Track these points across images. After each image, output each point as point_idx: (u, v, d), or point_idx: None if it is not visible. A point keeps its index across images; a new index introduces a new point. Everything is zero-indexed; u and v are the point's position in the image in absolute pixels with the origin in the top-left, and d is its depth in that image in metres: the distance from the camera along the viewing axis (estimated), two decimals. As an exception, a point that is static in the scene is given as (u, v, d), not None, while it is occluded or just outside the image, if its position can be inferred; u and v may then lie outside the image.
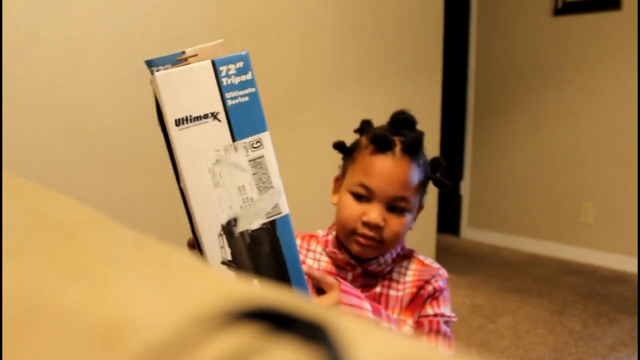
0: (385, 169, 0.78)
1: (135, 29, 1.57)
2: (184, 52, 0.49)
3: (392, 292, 0.84)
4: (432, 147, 2.64)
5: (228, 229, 0.50)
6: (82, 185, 1.51)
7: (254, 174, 0.49)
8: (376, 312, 0.75)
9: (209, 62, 0.48)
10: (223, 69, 0.48)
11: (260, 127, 0.50)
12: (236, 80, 0.48)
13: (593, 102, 3.05)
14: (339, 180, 0.87)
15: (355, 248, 0.80)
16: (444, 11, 2.62)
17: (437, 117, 2.66)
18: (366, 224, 0.78)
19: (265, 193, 0.50)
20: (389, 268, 0.84)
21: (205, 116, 0.47)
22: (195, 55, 0.49)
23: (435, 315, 0.82)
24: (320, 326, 0.13)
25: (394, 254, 0.85)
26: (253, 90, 0.49)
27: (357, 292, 0.74)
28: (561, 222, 3.24)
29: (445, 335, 0.81)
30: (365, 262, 0.83)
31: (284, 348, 0.12)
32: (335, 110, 2.19)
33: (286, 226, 0.52)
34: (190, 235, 0.54)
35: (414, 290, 0.83)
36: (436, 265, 0.87)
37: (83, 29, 1.48)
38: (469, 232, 3.68)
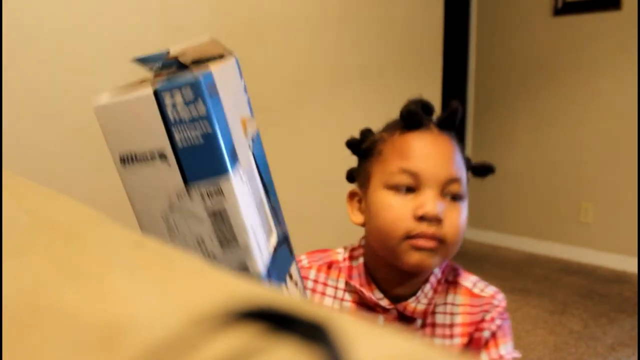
0: (428, 146, 0.62)
1: (136, 29, 1.57)
2: (167, 52, 0.42)
3: (438, 340, 0.67)
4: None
5: None
6: (82, 185, 1.51)
7: (213, 225, 0.40)
8: None
9: (150, 91, 0.38)
10: (168, 101, 0.38)
11: (219, 171, 0.39)
12: (185, 115, 0.38)
13: (593, 102, 3.06)
14: (357, 194, 0.69)
15: (413, 258, 0.61)
16: (444, 11, 2.62)
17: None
18: (423, 219, 0.60)
19: (229, 248, 0.41)
20: (431, 307, 0.66)
21: (152, 156, 0.39)
22: (183, 54, 0.42)
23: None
24: (320, 326, 0.13)
25: (434, 281, 0.67)
26: (207, 127, 0.38)
27: None
28: (561, 222, 3.24)
29: None
30: (400, 302, 0.66)
31: (284, 348, 0.12)
32: (336, 110, 2.19)
33: None
34: None
35: (465, 339, 0.66)
36: (490, 291, 0.69)
37: (83, 28, 1.48)
38: (468, 232, 3.67)
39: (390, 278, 0.66)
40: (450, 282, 0.69)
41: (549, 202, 3.28)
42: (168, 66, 0.43)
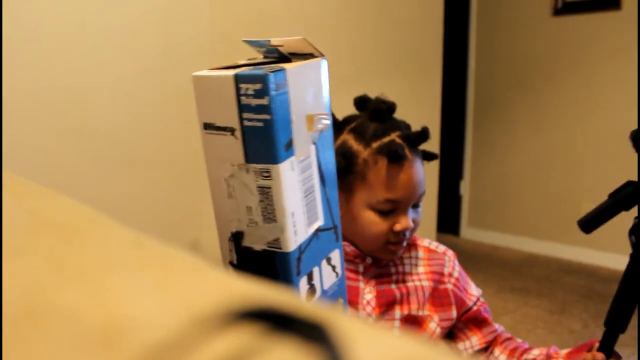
0: (408, 178, 0.76)
1: (135, 28, 1.57)
2: (269, 41, 0.49)
3: (410, 284, 0.83)
4: (432, 148, 2.64)
5: (236, 238, 0.50)
6: (82, 185, 1.51)
7: (260, 201, 0.47)
8: None
9: (231, 75, 0.45)
10: (243, 86, 0.44)
11: (271, 158, 0.45)
12: (253, 102, 0.44)
13: (593, 102, 3.05)
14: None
15: (389, 255, 0.80)
16: (444, 11, 2.61)
17: (437, 117, 2.66)
18: (400, 232, 0.77)
19: (268, 223, 0.48)
20: (399, 255, 0.84)
21: (225, 129, 0.46)
22: (281, 45, 0.50)
23: (477, 298, 0.87)
24: (320, 326, 0.13)
25: None
26: (268, 117, 0.44)
27: None
28: (561, 222, 3.24)
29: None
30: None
31: (284, 348, 0.12)
32: (335, 110, 2.19)
33: (285, 263, 0.48)
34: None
35: (431, 283, 0.84)
36: (441, 248, 0.88)
37: (83, 28, 1.48)
38: (468, 232, 3.68)
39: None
40: (411, 244, 0.86)
41: (549, 202, 3.28)
42: (272, 52, 0.51)
